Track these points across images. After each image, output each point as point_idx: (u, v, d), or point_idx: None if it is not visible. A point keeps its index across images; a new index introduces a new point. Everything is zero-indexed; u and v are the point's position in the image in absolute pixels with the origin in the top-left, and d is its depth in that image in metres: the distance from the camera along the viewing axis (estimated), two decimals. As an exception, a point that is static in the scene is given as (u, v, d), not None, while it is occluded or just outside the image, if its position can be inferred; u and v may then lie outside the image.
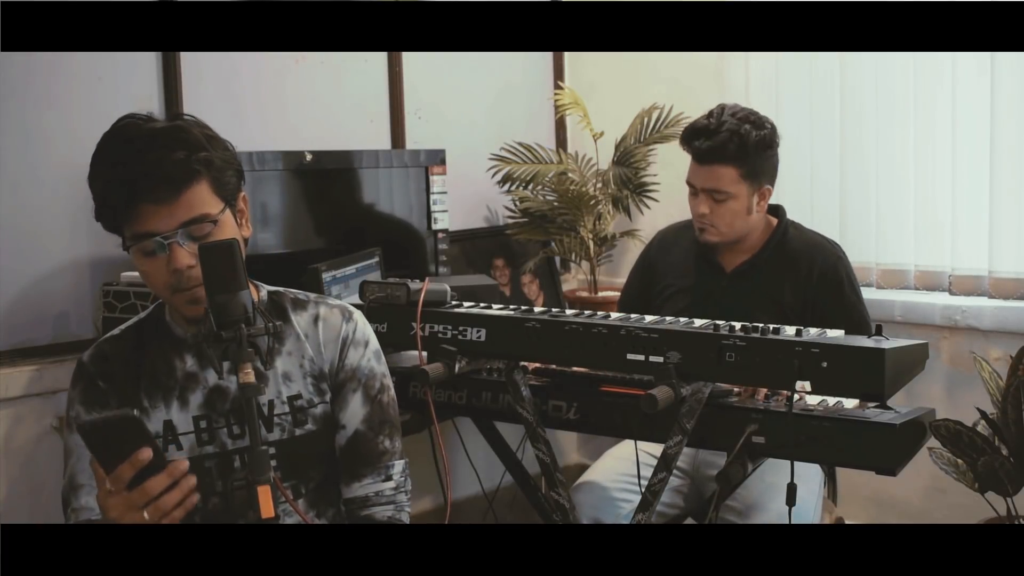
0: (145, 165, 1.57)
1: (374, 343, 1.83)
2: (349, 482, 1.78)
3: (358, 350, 1.79)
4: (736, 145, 2.39)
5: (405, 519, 1.80)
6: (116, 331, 1.80)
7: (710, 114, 2.46)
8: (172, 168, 1.58)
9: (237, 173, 1.69)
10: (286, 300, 1.79)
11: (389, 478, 1.78)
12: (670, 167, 2.55)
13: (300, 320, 1.78)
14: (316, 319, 1.78)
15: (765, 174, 2.46)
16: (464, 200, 3.31)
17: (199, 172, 1.61)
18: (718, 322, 1.93)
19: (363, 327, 1.82)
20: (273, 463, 1.70)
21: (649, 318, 2.02)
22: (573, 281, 3.70)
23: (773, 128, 2.47)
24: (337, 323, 1.79)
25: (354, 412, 1.77)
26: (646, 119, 3.25)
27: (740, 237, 2.50)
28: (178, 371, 1.72)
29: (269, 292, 1.80)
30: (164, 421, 1.70)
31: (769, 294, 2.47)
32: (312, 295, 1.83)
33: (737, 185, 2.42)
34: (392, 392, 1.84)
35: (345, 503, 1.79)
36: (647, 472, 2.00)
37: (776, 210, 2.57)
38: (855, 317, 2.43)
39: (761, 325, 1.84)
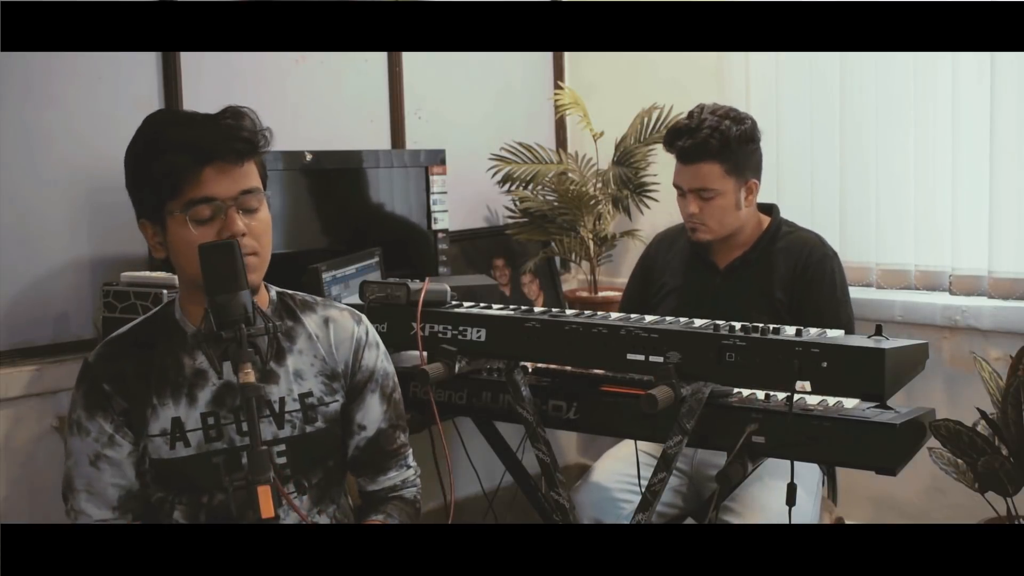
0: (220, 129, 1.65)
1: (382, 344, 1.90)
2: (375, 476, 1.88)
3: (372, 352, 1.85)
4: (718, 141, 2.43)
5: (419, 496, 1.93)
6: (123, 329, 1.80)
7: (690, 114, 2.50)
8: (244, 134, 1.66)
9: (266, 172, 1.76)
10: (294, 302, 1.83)
11: (409, 466, 1.91)
12: (670, 167, 2.55)
13: (310, 322, 1.81)
14: (327, 321, 1.83)
15: (749, 168, 2.50)
16: (464, 200, 3.31)
17: (259, 146, 1.69)
18: (718, 322, 1.93)
19: (373, 330, 1.89)
20: (283, 460, 1.74)
21: (649, 318, 2.02)
22: (573, 281, 3.70)
23: (753, 123, 2.50)
24: (349, 325, 1.84)
25: (375, 413, 1.84)
26: (646, 119, 3.25)
27: (732, 233, 2.52)
28: (187, 368, 1.73)
29: (278, 292, 1.83)
30: (172, 418, 1.71)
31: (761, 290, 2.49)
32: (319, 299, 1.88)
33: (723, 181, 2.45)
34: (399, 388, 1.92)
35: (369, 495, 1.89)
36: (647, 472, 2.01)
37: (770, 209, 2.60)
38: (841, 317, 2.44)
39: (761, 325, 1.84)
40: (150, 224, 1.69)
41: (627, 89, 3.46)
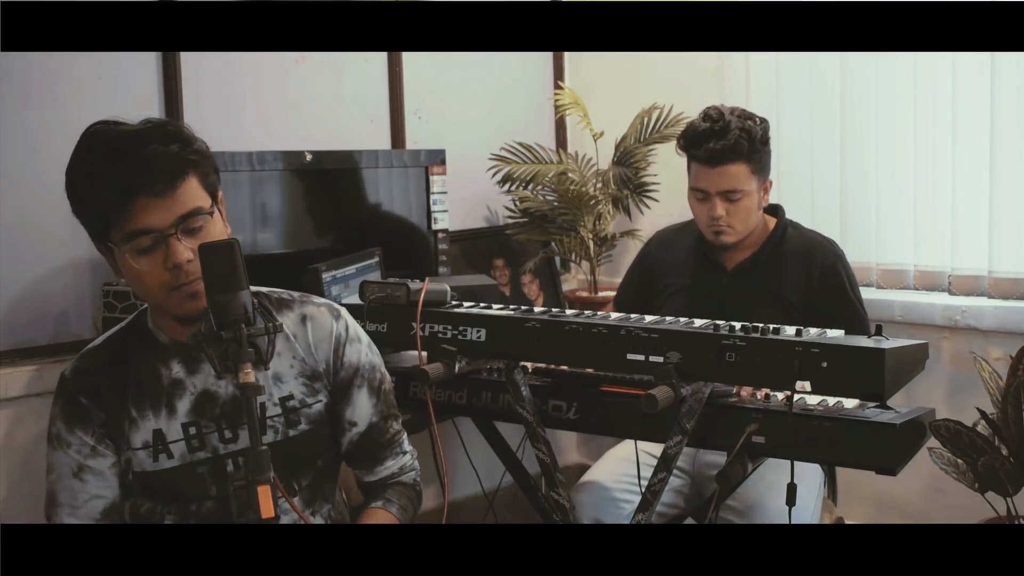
0: (141, 160, 1.56)
1: (365, 336, 1.86)
2: (372, 467, 1.86)
3: (354, 347, 1.81)
4: (747, 142, 2.44)
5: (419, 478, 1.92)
6: (97, 342, 1.77)
7: (708, 118, 2.47)
8: (169, 161, 1.58)
9: (216, 172, 1.69)
10: (270, 301, 1.78)
11: (405, 452, 1.91)
12: (670, 167, 2.55)
13: (287, 320, 1.76)
14: (304, 319, 1.78)
15: (766, 167, 2.52)
16: (464, 200, 3.31)
17: (193, 165, 1.61)
18: (718, 322, 1.93)
19: (353, 324, 1.84)
20: None
21: (649, 318, 2.02)
22: (573, 281, 3.70)
23: (767, 122, 2.52)
24: (327, 322, 1.79)
25: (364, 408, 1.82)
26: (646, 119, 3.25)
27: (751, 232, 2.53)
28: (164, 379, 1.71)
29: (252, 293, 1.78)
30: (153, 430, 1.69)
31: (771, 291, 2.49)
32: (296, 294, 1.83)
33: (749, 181, 2.46)
34: (388, 378, 1.89)
35: (367, 485, 1.88)
36: (647, 472, 2.00)
37: (775, 209, 2.60)
38: (855, 317, 2.46)
39: (761, 325, 1.84)
40: (102, 251, 1.66)
41: (627, 89, 3.46)
